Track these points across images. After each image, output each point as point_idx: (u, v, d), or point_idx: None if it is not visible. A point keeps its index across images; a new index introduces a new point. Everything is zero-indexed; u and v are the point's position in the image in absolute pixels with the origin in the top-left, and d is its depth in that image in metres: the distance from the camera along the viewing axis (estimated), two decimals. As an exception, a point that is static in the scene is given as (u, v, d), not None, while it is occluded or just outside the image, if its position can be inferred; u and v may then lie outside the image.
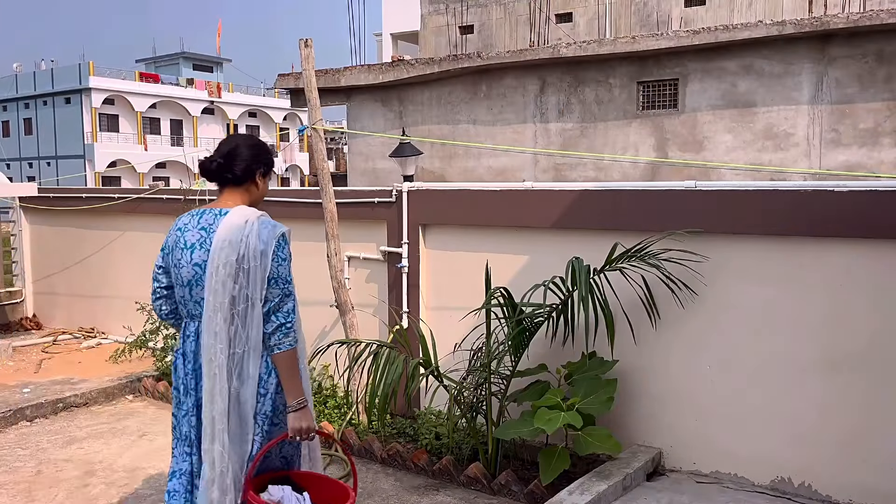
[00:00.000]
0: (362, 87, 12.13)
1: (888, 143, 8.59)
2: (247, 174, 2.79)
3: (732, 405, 4.01)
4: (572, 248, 4.25)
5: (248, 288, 2.60)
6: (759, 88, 9.26)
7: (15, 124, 46.09)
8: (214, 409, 2.62)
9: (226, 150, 2.79)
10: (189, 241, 2.69)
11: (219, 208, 2.74)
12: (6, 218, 9.12)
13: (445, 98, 11.62)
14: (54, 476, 4.49)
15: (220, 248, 2.60)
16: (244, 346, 2.64)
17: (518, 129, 11.06)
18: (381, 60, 22.80)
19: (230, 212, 2.69)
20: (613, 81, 10.30)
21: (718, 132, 9.58)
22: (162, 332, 6.18)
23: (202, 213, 2.74)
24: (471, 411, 4.40)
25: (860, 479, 3.68)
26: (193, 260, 2.67)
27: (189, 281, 2.68)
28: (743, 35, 9.04)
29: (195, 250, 2.67)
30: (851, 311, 3.70)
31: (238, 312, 2.60)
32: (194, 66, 52.57)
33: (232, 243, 2.60)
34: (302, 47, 5.02)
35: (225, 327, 2.60)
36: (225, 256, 2.60)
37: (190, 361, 2.73)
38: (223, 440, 2.62)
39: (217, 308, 2.60)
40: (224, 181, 2.79)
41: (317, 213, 5.28)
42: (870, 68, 8.66)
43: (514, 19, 14.31)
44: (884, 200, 3.57)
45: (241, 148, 2.80)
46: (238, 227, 2.63)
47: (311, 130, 5.04)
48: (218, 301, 2.59)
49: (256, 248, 2.61)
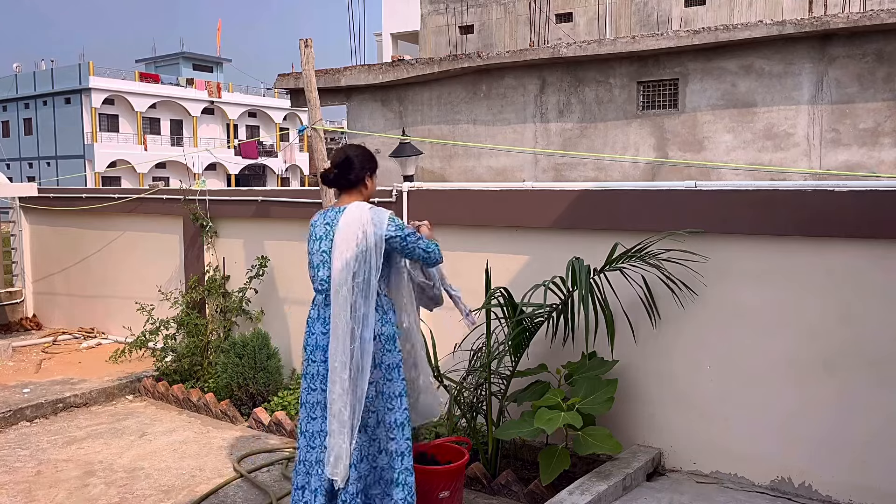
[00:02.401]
0: (362, 87, 12.13)
1: (888, 143, 8.60)
2: (358, 179, 3.45)
3: (732, 405, 4.01)
4: (572, 248, 4.25)
5: (365, 265, 3.22)
6: (759, 88, 9.27)
7: (15, 124, 46.10)
8: (336, 360, 3.19)
9: (339, 161, 3.44)
10: (318, 234, 3.41)
11: (339, 207, 3.42)
12: (6, 218, 9.11)
13: (445, 98, 11.62)
14: (54, 476, 4.49)
15: (341, 238, 3.24)
16: (362, 311, 3.22)
17: (518, 128, 11.06)
18: (381, 60, 22.82)
19: (347, 208, 3.34)
20: (613, 81, 10.31)
21: (718, 132, 9.58)
22: (162, 332, 6.18)
23: (326, 212, 3.45)
24: (471, 411, 4.40)
25: (860, 479, 3.68)
26: (321, 248, 3.36)
27: (318, 264, 3.38)
28: (743, 35, 9.05)
29: (322, 241, 3.36)
30: (852, 310, 3.70)
31: (357, 285, 3.21)
32: (194, 66, 52.58)
33: (350, 233, 3.24)
34: (302, 47, 5.02)
35: (349, 297, 3.20)
36: (346, 244, 3.23)
37: (319, 323, 3.36)
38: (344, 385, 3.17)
39: (342, 283, 3.21)
40: (341, 186, 3.47)
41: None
42: (870, 68, 8.66)
43: (514, 19, 14.32)
44: (884, 200, 3.57)
45: (351, 158, 3.45)
46: (355, 220, 3.27)
47: (310, 130, 5.04)
48: (342, 277, 3.21)
49: (369, 233, 3.24)
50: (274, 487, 4.28)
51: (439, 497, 3.74)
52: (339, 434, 3.17)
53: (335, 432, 3.18)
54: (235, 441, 5.04)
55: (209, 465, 4.64)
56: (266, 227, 6.17)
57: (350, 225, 3.26)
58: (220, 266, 6.45)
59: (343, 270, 3.22)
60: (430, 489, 3.73)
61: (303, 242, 5.79)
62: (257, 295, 6.12)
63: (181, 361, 6.09)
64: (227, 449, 4.90)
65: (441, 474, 3.77)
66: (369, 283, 3.23)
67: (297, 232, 5.91)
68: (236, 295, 6.13)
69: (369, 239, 3.24)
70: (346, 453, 3.17)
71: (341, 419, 3.17)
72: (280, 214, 6.02)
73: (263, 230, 6.19)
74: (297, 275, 5.97)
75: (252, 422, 5.31)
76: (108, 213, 7.55)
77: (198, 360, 6.09)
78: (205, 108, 48.26)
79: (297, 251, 5.94)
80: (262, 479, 4.42)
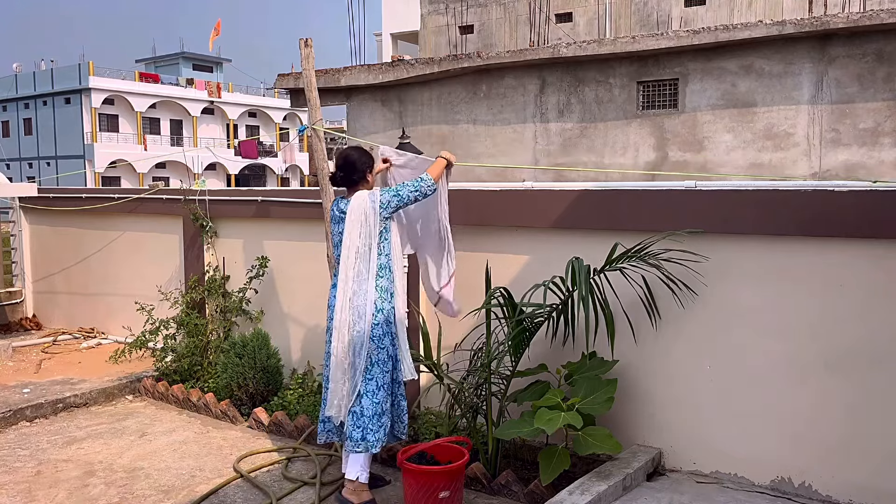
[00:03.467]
0: (362, 87, 12.12)
1: (888, 143, 8.59)
2: (360, 176, 4.15)
3: (732, 405, 4.01)
4: (572, 248, 4.25)
5: (368, 239, 3.99)
6: (759, 88, 9.26)
7: (15, 124, 46.10)
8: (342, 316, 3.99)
9: (341, 164, 4.16)
10: (335, 218, 4.20)
11: (348, 198, 4.13)
12: (6, 218, 9.11)
13: (445, 98, 11.61)
14: (54, 476, 4.49)
15: (350, 221, 4.01)
16: (364, 276, 3.99)
17: (518, 128, 11.05)
18: (381, 60, 22.81)
19: (353, 197, 4.08)
20: (613, 81, 10.30)
21: (718, 132, 9.57)
22: (161, 332, 6.18)
23: (339, 200, 4.21)
24: (471, 411, 4.40)
25: (860, 479, 3.68)
26: (339, 230, 4.13)
27: (337, 243, 4.17)
28: (743, 35, 9.04)
29: (339, 224, 4.13)
30: (852, 310, 3.69)
31: (360, 255, 3.99)
32: (194, 66, 52.59)
33: (355, 217, 4.00)
34: (302, 47, 5.01)
35: (354, 265, 3.99)
36: (352, 225, 4.00)
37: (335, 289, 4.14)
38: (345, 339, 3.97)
39: (348, 255, 4.01)
40: (347, 185, 4.17)
41: (317, 213, 5.28)
42: (870, 68, 8.66)
43: (514, 19, 14.32)
44: (884, 200, 3.57)
45: (350, 161, 4.15)
46: (359, 205, 4.02)
47: (310, 130, 5.03)
48: (351, 250, 4.01)
49: (369, 212, 4.00)
50: (274, 487, 4.28)
51: (439, 497, 3.74)
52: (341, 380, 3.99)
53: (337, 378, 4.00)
54: (235, 441, 5.04)
55: (209, 465, 4.64)
56: (266, 227, 6.17)
57: (354, 210, 4.02)
58: (220, 266, 6.45)
59: (350, 246, 4.01)
60: (430, 489, 3.74)
61: (302, 243, 5.84)
62: (257, 295, 6.12)
63: (181, 361, 6.09)
64: (227, 449, 4.90)
65: (441, 474, 3.78)
66: (370, 252, 4.00)
67: (297, 232, 5.91)
68: (236, 295, 6.13)
69: (369, 217, 3.99)
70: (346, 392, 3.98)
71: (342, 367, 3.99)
72: (280, 214, 6.02)
73: (263, 230, 6.19)
74: (297, 275, 5.97)
75: (252, 422, 5.31)
76: (108, 213, 7.55)
77: (198, 360, 6.09)
78: (205, 108, 48.26)
79: (297, 251, 5.94)
80: (262, 479, 4.42)
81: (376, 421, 3.95)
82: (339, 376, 3.97)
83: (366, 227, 3.99)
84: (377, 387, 3.97)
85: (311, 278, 5.66)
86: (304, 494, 4.22)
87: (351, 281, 3.98)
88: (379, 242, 4.01)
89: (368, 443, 3.92)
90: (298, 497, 4.19)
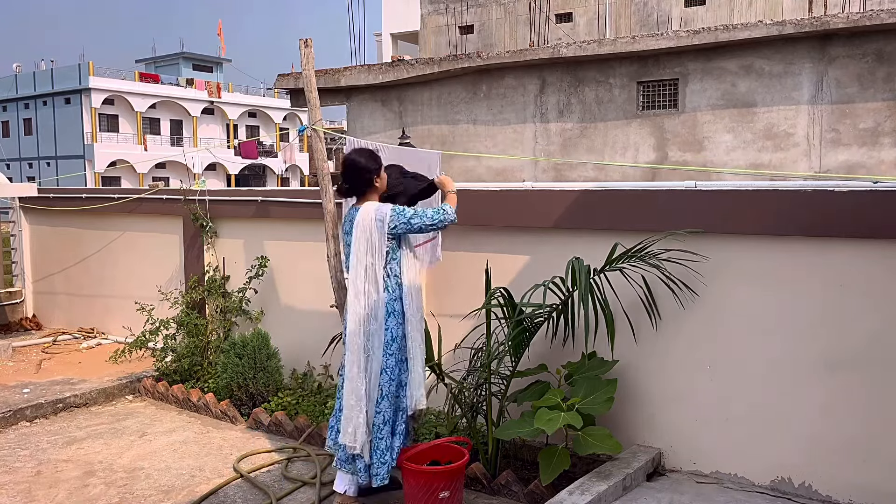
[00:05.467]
0: (362, 87, 12.13)
1: (888, 143, 8.60)
2: (367, 182, 3.99)
3: (732, 405, 4.01)
4: (572, 248, 4.25)
5: (375, 252, 3.88)
6: (759, 88, 9.27)
7: (15, 124, 46.10)
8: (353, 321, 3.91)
9: (345, 172, 4.01)
10: (346, 229, 4.08)
11: (358, 206, 4.01)
12: (6, 218, 9.11)
13: (445, 98, 11.62)
14: (54, 476, 4.49)
15: (358, 232, 3.91)
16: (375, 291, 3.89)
17: (518, 128, 11.06)
18: (381, 60, 22.80)
19: (360, 208, 3.97)
20: (613, 81, 10.31)
21: (718, 132, 9.58)
22: (162, 332, 6.18)
23: (351, 211, 4.07)
24: (471, 411, 4.40)
25: (860, 479, 3.68)
26: (349, 241, 4.00)
27: (348, 254, 4.02)
28: (743, 35, 9.05)
29: (349, 235, 4.00)
30: (852, 310, 3.69)
31: (367, 268, 3.90)
32: (194, 66, 52.60)
33: (360, 233, 3.90)
34: (302, 47, 5.01)
35: (364, 277, 3.90)
36: (357, 242, 3.91)
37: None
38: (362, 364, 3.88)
39: (357, 266, 3.92)
40: (355, 194, 4.05)
41: (317, 214, 5.27)
42: (870, 68, 8.66)
43: (514, 19, 14.32)
44: (884, 200, 3.57)
45: (354, 166, 3.98)
46: (365, 219, 3.90)
47: (310, 130, 5.03)
48: (360, 264, 3.90)
49: (374, 227, 3.87)
50: (274, 487, 4.28)
51: (439, 497, 3.74)
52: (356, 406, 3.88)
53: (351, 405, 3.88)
54: (235, 441, 5.04)
55: (209, 465, 4.64)
56: (266, 227, 6.17)
57: (359, 225, 3.92)
58: (220, 266, 6.45)
59: (358, 264, 3.93)
60: (430, 489, 3.74)
61: (302, 243, 5.84)
62: (257, 295, 6.12)
63: (181, 361, 6.09)
64: (227, 449, 4.90)
65: (441, 474, 3.78)
66: (375, 271, 3.90)
67: (297, 232, 5.91)
68: (236, 295, 6.13)
69: (374, 236, 3.88)
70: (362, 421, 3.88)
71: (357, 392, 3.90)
72: (280, 215, 6.02)
73: (263, 230, 6.19)
74: (296, 275, 5.97)
75: (252, 422, 5.31)
76: (107, 213, 7.54)
77: (198, 360, 6.09)
78: (205, 109, 48.27)
79: (297, 251, 5.94)
80: (262, 479, 4.42)
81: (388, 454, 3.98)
82: (353, 403, 3.86)
83: (370, 245, 3.88)
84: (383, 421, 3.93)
85: (312, 278, 5.66)
86: (304, 494, 4.22)
87: (363, 298, 3.89)
88: (386, 265, 3.90)
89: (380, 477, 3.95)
90: (298, 497, 4.19)
